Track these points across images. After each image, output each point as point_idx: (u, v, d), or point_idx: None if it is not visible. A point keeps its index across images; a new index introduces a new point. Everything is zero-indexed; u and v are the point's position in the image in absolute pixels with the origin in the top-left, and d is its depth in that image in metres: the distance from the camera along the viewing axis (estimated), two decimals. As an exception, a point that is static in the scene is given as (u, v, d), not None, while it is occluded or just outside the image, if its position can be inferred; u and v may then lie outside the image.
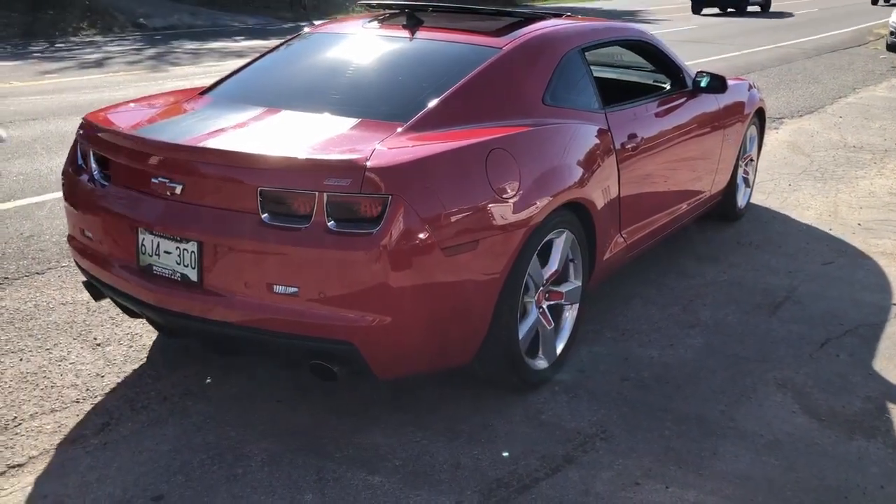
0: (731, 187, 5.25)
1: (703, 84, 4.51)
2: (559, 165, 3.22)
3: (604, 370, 3.47)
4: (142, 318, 3.34)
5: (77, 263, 3.36)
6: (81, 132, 3.27)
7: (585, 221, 3.39)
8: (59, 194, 5.72)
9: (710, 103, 4.67)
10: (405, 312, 2.66)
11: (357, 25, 3.95)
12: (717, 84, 4.53)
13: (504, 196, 2.87)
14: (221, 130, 3.03)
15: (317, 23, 21.13)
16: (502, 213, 2.85)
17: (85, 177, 3.18)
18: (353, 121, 3.03)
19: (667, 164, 4.20)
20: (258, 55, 4.07)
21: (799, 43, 18.02)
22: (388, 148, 2.74)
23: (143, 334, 3.69)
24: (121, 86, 11.07)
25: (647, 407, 3.17)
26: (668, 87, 4.65)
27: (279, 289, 2.63)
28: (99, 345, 3.60)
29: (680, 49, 16.51)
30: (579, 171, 3.30)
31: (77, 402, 3.14)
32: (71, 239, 3.34)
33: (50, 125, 8.25)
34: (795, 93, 11.10)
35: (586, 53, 3.80)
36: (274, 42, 17.94)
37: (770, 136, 8.28)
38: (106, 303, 3.87)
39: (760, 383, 3.38)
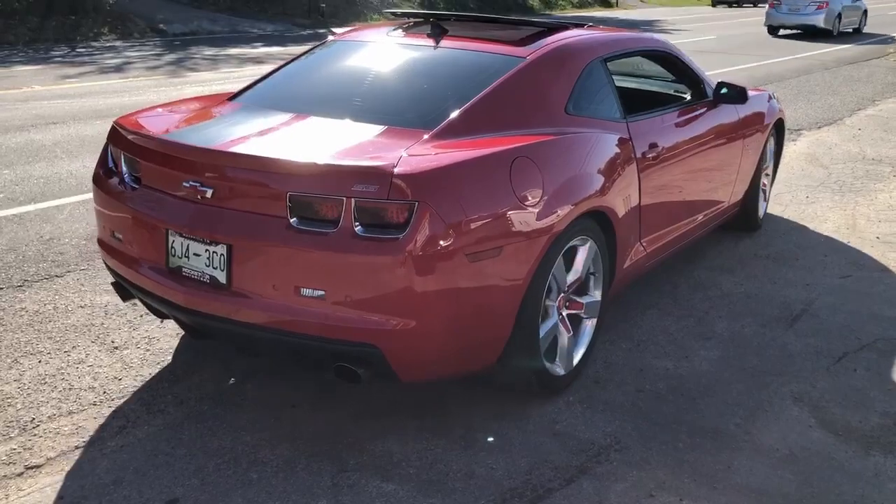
0: (751, 198, 5.26)
1: (723, 94, 4.52)
2: (581, 174, 3.25)
3: (619, 381, 3.46)
4: (169, 318, 3.42)
5: (106, 264, 3.42)
6: (112, 136, 3.34)
7: (606, 230, 3.42)
8: (79, 198, 5.84)
9: (731, 114, 4.68)
10: (429, 316, 2.69)
11: (381, 33, 4.01)
12: (737, 94, 4.55)
13: (527, 203, 2.90)
14: (251, 136, 3.07)
15: (337, 30, 21.24)
16: (525, 220, 2.89)
17: (115, 179, 3.25)
18: (379, 128, 3.08)
19: (687, 174, 4.23)
20: (284, 62, 4.12)
21: (818, 55, 17.93)
22: (414, 155, 2.79)
23: (161, 338, 3.72)
24: (140, 90, 11.16)
25: (661, 419, 3.16)
26: (688, 97, 4.66)
27: (306, 291, 2.68)
28: (116, 348, 3.63)
29: (699, 59, 16.45)
30: (601, 180, 3.33)
31: (94, 404, 3.16)
32: (100, 241, 3.40)
33: (70, 129, 8.33)
34: (814, 104, 11.04)
35: (608, 63, 3.84)
36: (292, 48, 18.10)
37: (788, 148, 8.24)
38: (124, 306, 3.91)
39: (777, 397, 3.36)
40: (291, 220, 2.68)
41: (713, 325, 4.05)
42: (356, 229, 2.60)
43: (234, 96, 3.77)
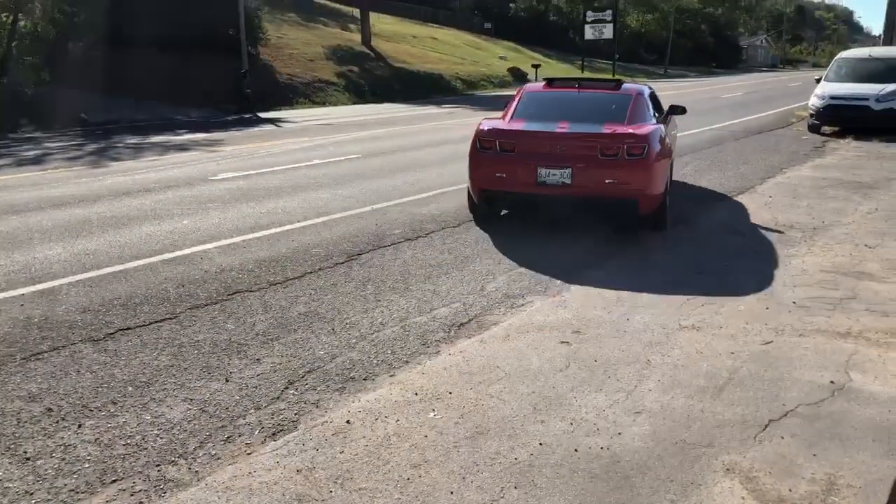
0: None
1: (671, 109, 9.34)
2: (667, 138, 8.25)
3: (553, 463, 3.43)
4: (528, 205, 7.94)
5: (482, 192, 7.78)
6: (484, 133, 7.65)
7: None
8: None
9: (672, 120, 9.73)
10: (654, 184, 7.24)
11: (540, 86, 9.16)
12: (680, 110, 9.65)
13: (667, 145, 7.95)
14: (567, 126, 7.51)
15: (263, 115, 21.29)
16: (668, 149, 8.12)
17: (490, 152, 7.52)
18: (605, 124, 7.55)
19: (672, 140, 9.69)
20: (512, 99, 8.72)
21: (728, 125, 18.80)
22: (634, 129, 7.36)
23: (77, 445, 3.55)
24: (59, 183, 10.92)
25: (596, 501, 3.14)
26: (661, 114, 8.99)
27: (608, 181, 7.09)
28: (28, 459, 3.44)
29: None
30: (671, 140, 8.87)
31: (3, 523, 2.98)
32: (478, 181, 7.77)
33: (-16, 225, 8.08)
34: (727, 173, 11.52)
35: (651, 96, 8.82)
36: (217, 134, 18.12)
37: (705, 217, 8.55)
38: (37, 414, 3.74)
39: (709, 470, 3.38)
40: (600, 156, 7.08)
41: (643, 399, 4.09)
42: (625, 157, 7.05)
43: (511, 117, 8.08)
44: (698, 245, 7.34)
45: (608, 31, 58.16)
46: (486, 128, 7.62)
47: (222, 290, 5.95)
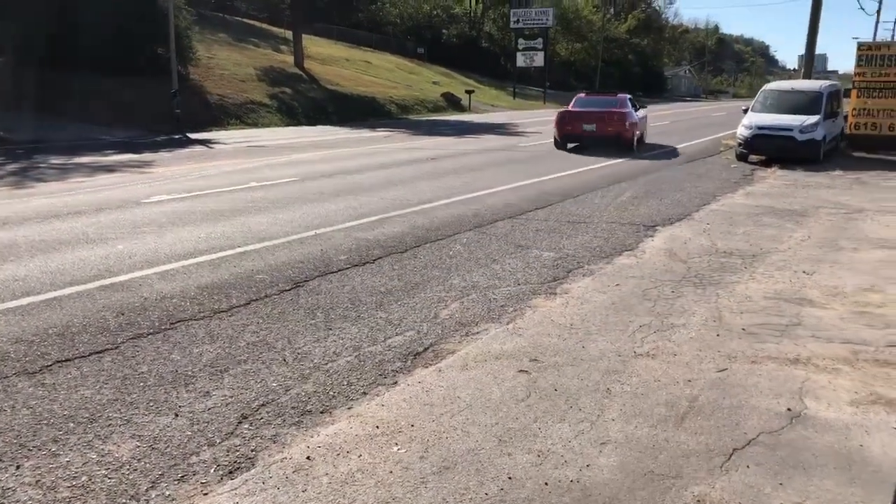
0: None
1: (638, 109, 21.88)
2: (634, 116, 20.81)
3: (525, 498, 3.36)
4: (579, 139, 20.18)
5: (563, 136, 20.02)
6: (564, 111, 20.81)
7: None
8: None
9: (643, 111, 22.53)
10: (628, 133, 19.69)
11: (584, 94, 22.95)
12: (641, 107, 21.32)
13: (636, 118, 20.35)
14: (592, 109, 20.44)
15: (193, 136, 20.94)
16: (636, 120, 20.53)
17: (565, 118, 20.25)
18: (610, 107, 20.54)
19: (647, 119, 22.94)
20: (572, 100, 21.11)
21: (659, 153, 19.29)
22: (620, 110, 20.25)
23: (17, 488, 3.30)
24: (-19, 204, 10.41)
25: (573, 536, 3.08)
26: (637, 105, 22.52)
27: (609, 129, 19.45)
28: (-36, 505, 3.19)
29: (551, 161, 17.44)
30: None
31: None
32: (561, 131, 20.11)
33: None
34: (664, 201, 11.75)
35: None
36: (147, 155, 17.62)
37: (647, 244, 8.67)
38: None
39: (679, 502, 3.36)
40: (606, 120, 19.52)
41: (607, 429, 4.05)
42: (615, 120, 19.72)
43: (571, 106, 21.21)
44: (643, 273, 7.42)
45: (539, 59, 59.29)
46: (564, 109, 20.40)
47: (165, 319, 5.70)
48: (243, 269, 7.18)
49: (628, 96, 21.12)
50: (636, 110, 20.59)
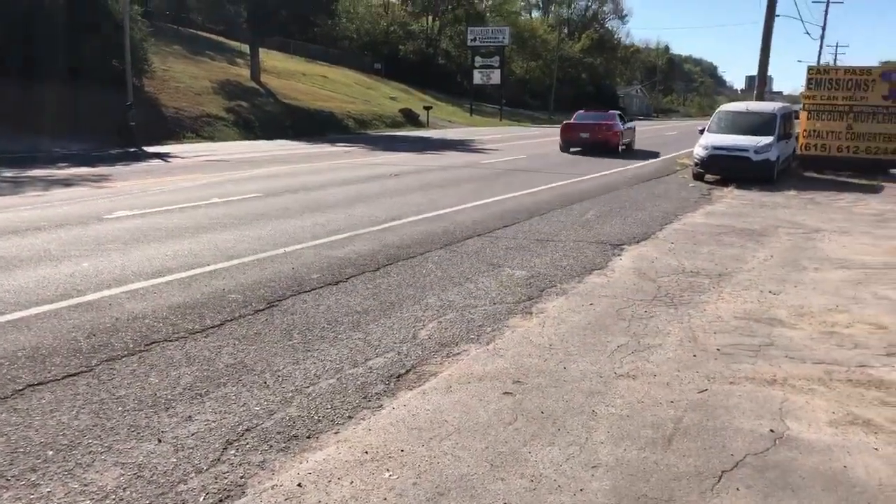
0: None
1: (626, 121, 28.28)
2: (621, 127, 27.43)
3: (523, 524, 3.35)
4: (576, 145, 26.22)
5: (565, 142, 26.18)
6: (567, 122, 27.09)
7: None
8: None
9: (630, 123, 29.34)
10: (615, 140, 26.05)
11: (584, 111, 28.93)
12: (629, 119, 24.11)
13: (622, 129, 26.63)
14: (588, 121, 26.74)
15: (148, 149, 20.59)
16: (623, 130, 26.92)
17: (568, 128, 26.55)
18: (602, 121, 26.95)
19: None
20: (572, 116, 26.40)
21: (619, 171, 19.55)
22: (608, 122, 26.65)
23: None
24: (-66, 219, 10.08)
25: (574, 562, 3.07)
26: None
27: (599, 137, 25.60)
28: None
29: (514, 178, 17.52)
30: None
31: None
32: (564, 138, 26.25)
33: None
34: (627, 220, 11.91)
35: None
36: (102, 169, 17.27)
37: (616, 263, 8.77)
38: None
39: (676, 525, 3.38)
40: (598, 129, 25.67)
41: (597, 452, 4.07)
42: (605, 130, 25.98)
43: (573, 120, 27.41)
44: (615, 292, 7.49)
45: (496, 77, 59.77)
46: (567, 121, 27.08)
47: (139, 340, 5.57)
48: (215, 288, 7.06)
49: (617, 112, 28.54)
50: (623, 123, 27.23)
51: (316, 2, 41.02)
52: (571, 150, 25.93)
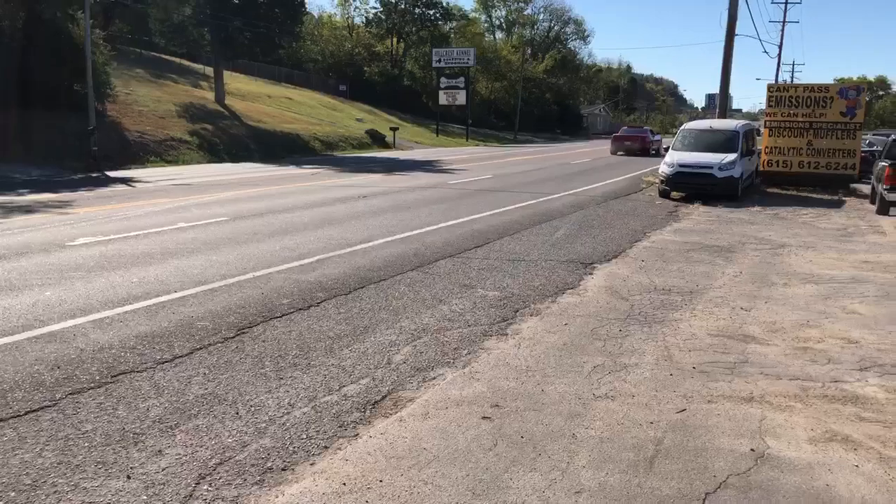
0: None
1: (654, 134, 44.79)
2: (654, 139, 42.93)
3: (508, 554, 3.26)
4: (622, 152, 40.42)
5: (615, 151, 40.12)
6: (615, 135, 43.12)
7: None
8: None
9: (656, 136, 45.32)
10: (649, 147, 40.94)
11: (624, 128, 48.88)
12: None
13: (655, 141, 42.21)
14: (628, 132, 43.71)
15: (111, 174, 20.26)
16: (656, 142, 42.31)
17: (615, 139, 41.77)
18: (639, 134, 43.54)
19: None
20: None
21: (586, 190, 19.67)
22: (644, 136, 42.59)
23: None
24: None
25: None
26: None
27: (637, 145, 40.17)
28: None
29: (483, 198, 17.50)
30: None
31: None
32: (614, 147, 40.51)
33: None
34: (597, 238, 11.94)
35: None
36: (65, 195, 16.95)
37: (588, 282, 8.76)
38: None
39: (662, 551, 3.32)
40: (639, 141, 40.47)
41: (579, 477, 4.01)
42: (643, 142, 40.66)
43: (618, 133, 43.72)
44: (588, 311, 7.47)
45: (461, 98, 60.09)
46: (616, 134, 42.66)
47: (105, 372, 5.41)
48: (183, 315, 6.90)
49: (649, 129, 47.06)
50: (654, 136, 42.91)
51: (280, 24, 40.97)
52: (619, 153, 39.33)
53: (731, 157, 18.11)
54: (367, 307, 7.39)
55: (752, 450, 4.37)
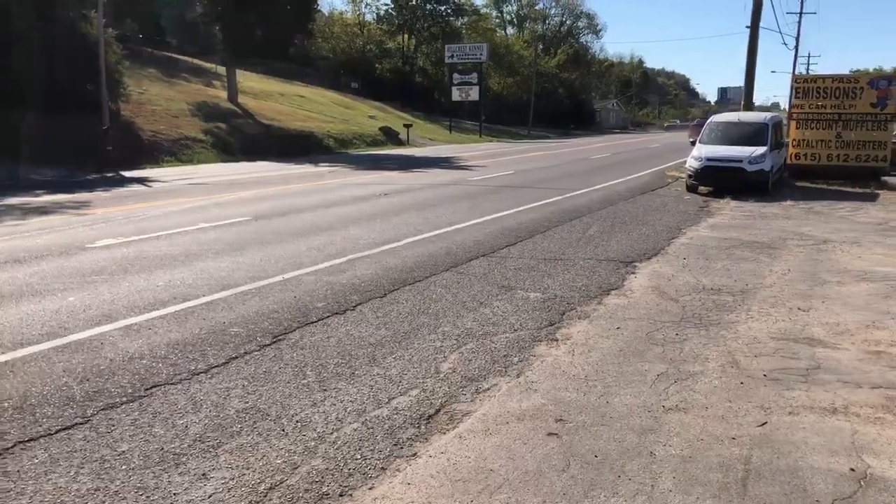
0: None
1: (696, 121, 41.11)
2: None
3: None
4: None
5: (691, 137, 37.26)
6: (693, 127, 43.29)
7: None
8: None
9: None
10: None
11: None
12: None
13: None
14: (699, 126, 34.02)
15: (126, 174, 20.00)
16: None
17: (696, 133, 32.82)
18: (689, 125, 50.46)
19: None
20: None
21: (611, 185, 19.24)
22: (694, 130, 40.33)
23: None
24: None
25: None
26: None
27: (690, 139, 37.34)
28: None
29: (507, 195, 17.11)
30: None
31: None
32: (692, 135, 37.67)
33: None
34: (632, 235, 11.53)
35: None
36: (81, 195, 16.65)
37: (633, 282, 8.36)
38: None
39: (780, 592, 2.94)
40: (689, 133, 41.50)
41: (667, 502, 3.62)
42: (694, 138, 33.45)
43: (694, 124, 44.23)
44: (639, 314, 7.08)
45: (474, 93, 59.68)
46: (692, 124, 45.78)
47: (137, 384, 5.06)
48: (214, 321, 6.55)
49: (700, 120, 40.42)
50: (699, 127, 37.38)
51: (292, 22, 40.61)
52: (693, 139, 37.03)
53: (761, 150, 17.63)
54: (404, 311, 7.02)
55: (852, 469, 3.98)
